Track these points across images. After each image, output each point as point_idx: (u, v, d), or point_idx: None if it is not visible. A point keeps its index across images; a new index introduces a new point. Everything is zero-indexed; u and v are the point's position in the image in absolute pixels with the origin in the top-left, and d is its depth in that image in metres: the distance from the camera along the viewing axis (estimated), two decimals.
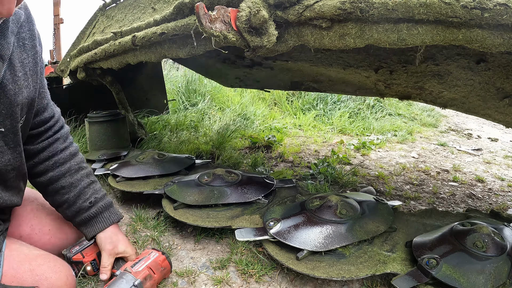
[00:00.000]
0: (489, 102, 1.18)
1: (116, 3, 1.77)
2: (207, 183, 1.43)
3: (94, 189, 1.08)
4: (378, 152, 3.00)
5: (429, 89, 1.31)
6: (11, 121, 0.81)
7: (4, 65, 0.74)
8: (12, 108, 0.79)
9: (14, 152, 0.86)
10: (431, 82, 1.24)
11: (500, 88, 1.07)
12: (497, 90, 1.09)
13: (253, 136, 3.02)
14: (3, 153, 0.82)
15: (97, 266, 1.06)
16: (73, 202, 1.03)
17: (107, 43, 1.51)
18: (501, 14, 0.65)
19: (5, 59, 0.75)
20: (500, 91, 1.09)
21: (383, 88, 1.52)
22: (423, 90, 1.35)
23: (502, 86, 1.06)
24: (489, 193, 2.13)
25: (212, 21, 0.83)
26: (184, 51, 1.17)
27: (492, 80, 1.05)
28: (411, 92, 1.43)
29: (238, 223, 1.24)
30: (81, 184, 1.05)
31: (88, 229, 1.05)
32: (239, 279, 1.10)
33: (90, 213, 1.04)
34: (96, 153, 2.00)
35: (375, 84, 1.51)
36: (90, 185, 1.08)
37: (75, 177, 1.05)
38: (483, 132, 4.68)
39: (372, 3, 0.75)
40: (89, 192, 1.06)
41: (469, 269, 0.92)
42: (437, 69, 1.14)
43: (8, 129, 0.81)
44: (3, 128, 0.79)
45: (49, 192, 1.04)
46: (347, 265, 1.01)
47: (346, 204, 1.21)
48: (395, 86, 1.44)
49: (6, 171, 0.85)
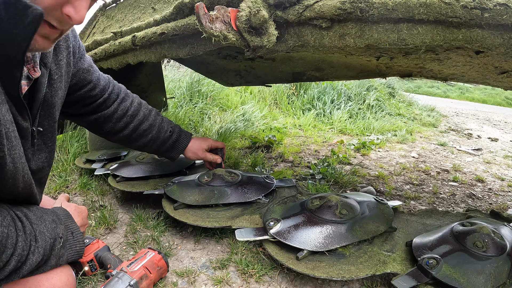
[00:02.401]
0: (488, 75, 1.21)
1: (116, 3, 1.77)
2: (207, 183, 1.43)
3: (166, 121, 1.36)
4: (378, 152, 3.00)
5: (429, 68, 1.35)
6: (49, 121, 0.87)
7: (47, 72, 0.80)
8: (49, 109, 0.85)
9: (51, 151, 0.91)
10: (431, 64, 1.26)
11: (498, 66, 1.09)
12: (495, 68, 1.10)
13: (253, 136, 3.02)
14: (40, 151, 0.86)
15: (95, 266, 1.06)
16: (156, 137, 1.31)
17: (107, 43, 1.51)
18: (501, 14, 0.65)
19: (47, 67, 0.80)
20: (498, 68, 1.10)
21: (385, 69, 1.57)
22: (424, 69, 1.39)
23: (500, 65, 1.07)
24: (489, 193, 2.13)
25: (212, 21, 0.83)
26: (184, 51, 1.17)
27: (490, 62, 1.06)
28: (412, 71, 1.47)
29: (238, 223, 1.24)
30: (157, 122, 1.31)
31: (176, 151, 1.39)
32: (239, 279, 1.10)
33: (172, 139, 1.35)
34: (96, 153, 2.00)
35: (377, 66, 1.55)
36: (163, 119, 1.35)
37: (150, 119, 1.29)
38: (483, 132, 4.68)
39: (372, 3, 0.75)
40: (164, 125, 1.34)
41: (469, 269, 0.92)
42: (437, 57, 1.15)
43: (46, 128, 0.86)
44: (42, 128, 0.84)
45: (134, 139, 1.28)
46: (347, 265, 1.01)
47: (346, 204, 1.21)
48: (396, 67, 1.48)
49: (43, 167, 0.89)
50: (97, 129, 1.23)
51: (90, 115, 1.17)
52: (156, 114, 1.34)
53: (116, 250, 1.24)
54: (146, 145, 1.31)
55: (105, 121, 1.20)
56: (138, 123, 1.26)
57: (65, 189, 1.73)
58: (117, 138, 1.26)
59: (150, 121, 1.29)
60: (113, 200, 1.65)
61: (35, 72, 0.76)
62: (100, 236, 1.33)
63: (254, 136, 3.02)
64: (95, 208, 1.54)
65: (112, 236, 1.33)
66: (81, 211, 1.01)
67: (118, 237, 1.33)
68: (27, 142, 0.79)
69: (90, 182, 1.78)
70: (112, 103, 1.21)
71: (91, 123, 1.20)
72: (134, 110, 1.26)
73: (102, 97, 1.17)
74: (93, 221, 1.42)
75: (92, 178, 1.83)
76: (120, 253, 1.22)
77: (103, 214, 1.41)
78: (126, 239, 1.31)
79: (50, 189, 1.70)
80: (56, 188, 1.71)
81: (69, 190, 1.72)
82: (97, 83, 1.15)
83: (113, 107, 1.21)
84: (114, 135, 1.25)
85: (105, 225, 1.38)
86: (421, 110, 5.90)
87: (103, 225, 1.38)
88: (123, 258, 1.18)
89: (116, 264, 1.04)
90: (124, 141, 1.28)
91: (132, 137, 1.27)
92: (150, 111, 1.32)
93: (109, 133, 1.23)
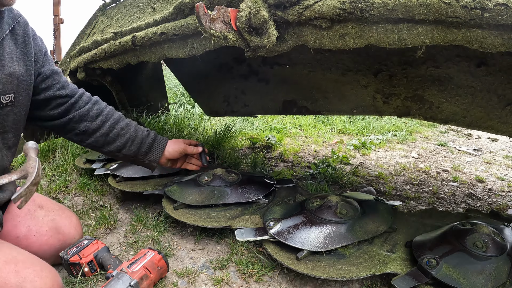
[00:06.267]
0: (492, 112, 1.17)
1: (116, 3, 1.77)
2: (207, 183, 1.43)
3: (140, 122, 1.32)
4: (378, 152, 3.00)
5: (429, 100, 1.29)
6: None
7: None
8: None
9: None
10: (431, 90, 1.22)
11: (501, 95, 1.06)
12: (499, 98, 1.08)
13: (253, 136, 3.02)
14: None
15: (95, 267, 1.06)
16: (134, 136, 1.25)
17: (107, 43, 1.51)
18: (501, 14, 0.64)
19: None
20: (502, 98, 1.08)
21: (382, 104, 1.49)
22: (423, 103, 1.33)
23: (503, 93, 1.05)
24: (489, 193, 2.13)
25: (212, 21, 0.83)
26: (184, 51, 1.17)
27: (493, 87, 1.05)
28: (411, 107, 1.40)
29: (238, 223, 1.24)
30: (133, 122, 1.28)
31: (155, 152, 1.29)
32: (239, 279, 1.10)
33: (151, 138, 1.28)
34: (96, 153, 2.00)
35: (373, 98, 1.48)
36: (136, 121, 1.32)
37: (126, 119, 1.27)
38: (483, 132, 4.68)
39: (372, 3, 0.75)
40: (140, 126, 1.30)
41: (469, 269, 0.92)
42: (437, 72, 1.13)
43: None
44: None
45: (111, 138, 1.22)
46: (347, 265, 1.01)
47: (346, 204, 1.21)
48: (393, 99, 1.41)
49: None
50: (73, 130, 1.18)
51: (64, 116, 1.15)
52: (129, 118, 1.32)
53: (116, 250, 1.24)
54: (124, 145, 1.23)
55: (79, 120, 1.17)
56: (114, 122, 1.22)
57: (65, 189, 1.73)
58: (94, 138, 1.20)
59: (126, 121, 1.26)
60: (113, 200, 1.65)
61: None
62: (100, 236, 1.33)
63: (254, 137, 3.01)
64: (95, 208, 1.54)
65: (112, 236, 1.33)
66: None
67: (118, 237, 1.33)
68: None
69: (90, 182, 1.78)
70: (86, 103, 1.20)
71: (66, 124, 1.16)
72: (109, 111, 1.24)
73: (73, 98, 1.17)
74: (93, 221, 1.42)
75: (92, 178, 1.83)
76: (120, 253, 1.22)
77: (103, 214, 1.41)
78: (126, 239, 1.31)
79: (50, 189, 1.70)
80: (56, 188, 1.71)
81: (69, 190, 1.72)
82: (66, 85, 1.16)
83: (87, 106, 1.19)
84: (90, 135, 1.19)
85: (105, 225, 1.38)
86: None
87: (103, 225, 1.38)
88: (123, 258, 1.18)
89: (116, 264, 1.04)
90: (101, 142, 1.21)
91: (109, 137, 1.21)
92: (124, 115, 1.30)
93: (85, 133, 1.18)
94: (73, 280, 1.05)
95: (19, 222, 1.06)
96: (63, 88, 1.15)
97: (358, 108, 1.67)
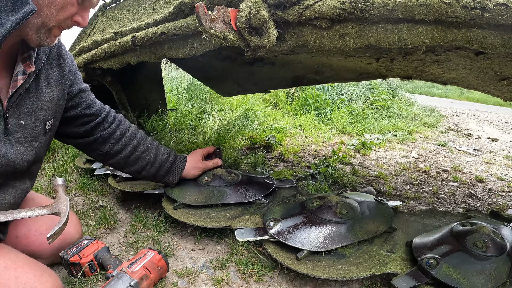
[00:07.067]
0: (488, 82, 1.20)
1: (116, 3, 1.77)
2: (207, 183, 1.43)
3: (162, 145, 1.39)
4: (378, 152, 3.00)
5: (429, 71, 1.34)
6: (32, 118, 0.94)
7: (32, 77, 0.91)
8: (33, 108, 0.94)
9: (31, 148, 0.95)
10: (431, 67, 1.25)
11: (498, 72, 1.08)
12: (496, 73, 1.10)
13: (253, 136, 3.02)
14: (19, 144, 0.92)
15: (95, 267, 1.06)
16: (154, 159, 1.31)
17: (107, 43, 1.51)
18: (501, 14, 0.64)
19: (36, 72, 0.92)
20: (499, 74, 1.09)
21: (385, 71, 1.56)
22: (424, 72, 1.38)
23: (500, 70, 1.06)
24: (489, 193, 2.13)
25: (212, 21, 0.83)
26: (184, 51, 1.17)
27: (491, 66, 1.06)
28: (412, 74, 1.47)
29: (238, 223, 1.24)
30: (154, 144, 1.33)
31: (174, 174, 1.37)
32: (239, 279, 1.10)
33: (170, 161, 1.36)
34: None
35: (377, 69, 1.54)
36: (159, 143, 1.38)
37: (148, 141, 1.32)
38: (483, 132, 4.68)
39: (372, 3, 0.75)
40: (161, 148, 1.36)
41: (469, 269, 0.92)
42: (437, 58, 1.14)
43: (28, 124, 0.93)
44: (24, 122, 0.92)
45: (132, 161, 1.28)
46: (347, 265, 1.01)
47: (346, 204, 1.21)
48: (396, 69, 1.47)
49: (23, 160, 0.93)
50: (96, 150, 1.23)
51: (89, 136, 1.19)
52: (152, 139, 1.36)
53: (116, 250, 1.24)
54: (143, 168, 1.30)
55: (104, 141, 1.21)
56: (136, 145, 1.27)
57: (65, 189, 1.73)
58: (115, 160, 1.26)
59: (147, 143, 1.31)
60: (113, 200, 1.65)
61: (30, 68, 0.87)
62: (100, 236, 1.33)
63: (254, 137, 3.01)
64: (95, 208, 1.54)
65: (112, 236, 1.33)
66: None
67: (118, 237, 1.33)
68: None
69: (90, 182, 1.78)
70: (110, 124, 1.23)
71: (90, 144, 1.21)
72: (132, 132, 1.28)
73: (99, 117, 1.19)
74: (93, 221, 1.42)
75: (92, 178, 1.83)
76: (120, 253, 1.22)
77: (103, 214, 1.41)
78: (126, 239, 1.31)
79: (50, 189, 1.70)
80: None
81: (69, 190, 1.72)
82: (93, 103, 1.18)
83: (111, 127, 1.22)
84: (112, 157, 1.25)
85: (105, 225, 1.38)
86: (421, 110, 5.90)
87: (103, 225, 1.38)
88: (123, 258, 1.18)
89: (116, 264, 1.04)
90: (122, 164, 1.28)
91: (130, 159, 1.27)
92: (147, 136, 1.35)
93: (108, 154, 1.23)
94: (73, 280, 1.05)
95: (19, 222, 1.06)
96: (90, 106, 1.17)
97: (363, 75, 1.77)
